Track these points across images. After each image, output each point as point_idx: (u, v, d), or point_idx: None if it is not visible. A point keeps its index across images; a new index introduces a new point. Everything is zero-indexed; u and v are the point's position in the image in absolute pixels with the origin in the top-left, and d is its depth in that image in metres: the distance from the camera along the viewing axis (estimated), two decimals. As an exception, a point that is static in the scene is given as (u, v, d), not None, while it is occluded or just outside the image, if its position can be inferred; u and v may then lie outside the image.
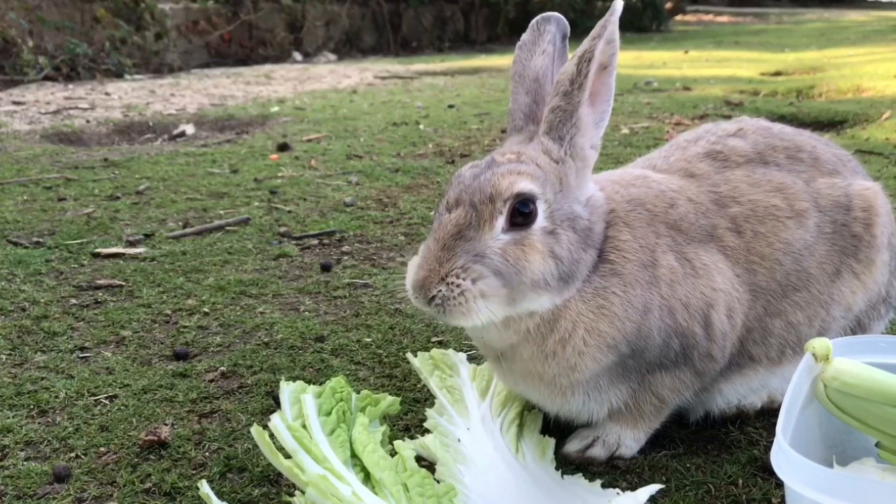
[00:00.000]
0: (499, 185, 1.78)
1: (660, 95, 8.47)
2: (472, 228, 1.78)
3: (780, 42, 15.36)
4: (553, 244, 1.81)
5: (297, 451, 1.77)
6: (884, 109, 6.79)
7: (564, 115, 1.85)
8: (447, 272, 1.75)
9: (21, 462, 2.12)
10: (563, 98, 1.84)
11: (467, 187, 1.82)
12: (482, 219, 1.78)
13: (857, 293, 2.18)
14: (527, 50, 2.06)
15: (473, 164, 1.91)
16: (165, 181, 5.18)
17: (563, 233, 1.84)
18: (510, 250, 1.78)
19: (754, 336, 2.08)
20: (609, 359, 1.92)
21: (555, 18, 2.08)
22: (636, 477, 2.01)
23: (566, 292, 1.86)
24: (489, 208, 1.78)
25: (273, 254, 3.75)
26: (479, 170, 1.86)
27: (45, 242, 3.93)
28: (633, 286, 1.90)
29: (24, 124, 7.42)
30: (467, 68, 12.54)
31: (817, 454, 1.80)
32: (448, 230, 1.79)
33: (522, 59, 2.05)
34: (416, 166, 5.46)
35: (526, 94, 2.03)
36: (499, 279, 1.77)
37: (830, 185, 2.20)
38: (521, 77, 2.04)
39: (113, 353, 2.78)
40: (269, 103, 8.66)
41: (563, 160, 1.87)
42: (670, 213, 2.03)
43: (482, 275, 1.76)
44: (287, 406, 1.92)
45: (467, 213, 1.79)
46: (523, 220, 1.79)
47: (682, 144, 2.31)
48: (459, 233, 1.78)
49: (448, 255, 1.76)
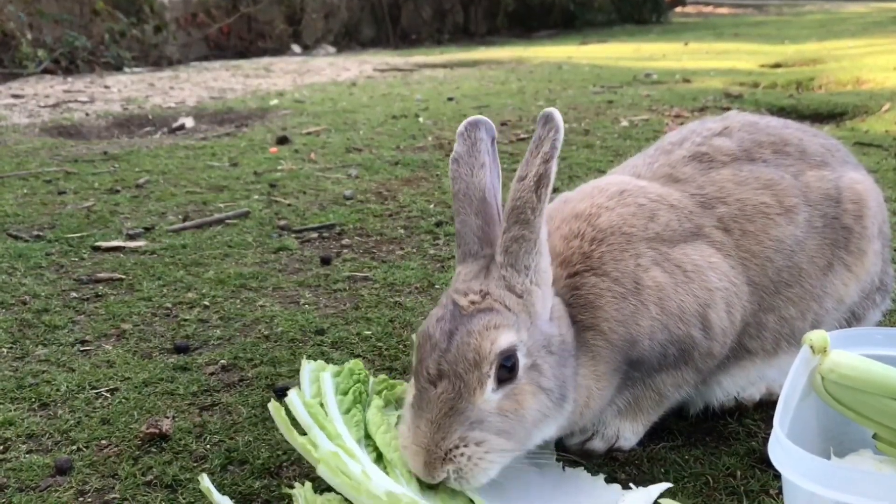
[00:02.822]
0: (481, 349, 1.69)
1: (659, 88, 8.46)
2: (462, 400, 1.69)
3: (779, 34, 15.32)
4: (538, 378, 1.77)
5: (312, 427, 1.79)
6: (883, 101, 6.78)
7: (528, 244, 1.76)
8: (447, 450, 1.67)
9: (23, 455, 2.13)
10: (525, 227, 1.74)
11: (445, 353, 1.71)
12: (471, 387, 1.69)
13: (849, 285, 2.18)
14: (464, 164, 1.94)
15: (439, 317, 1.78)
16: (165, 174, 5.19)
17: (543, 361, 1.78)
18: (505, 405, 1.73)
19: (749, 331, 2.09)
20: (616, 379, 1.97)
21: (482, 123, 1.98)
22: (636, 469, 2.03)
23: (564, 410, 1.84)
24: (476, 375, 1.69)
25: (273, 247, 3.76)
26: (449, 324, 1.74)
27: (46, 236, 3.93)
28: (615, 330, 1.92)
29: (23, 118, 7.42)
30: (467, 61, 12.52)
31: (815, 446, 1.81)
32: (440, 408, 1.69)
33: (463, 175, 1.93)
34: (416, 159, 5.46)
35: (476, 216, 1.90)
36: (502, 437, 1.72)
37: (819, 177, 2.19)
38: (467, 196, 1.91)
39: (114, 346, 2.78)
40: (269, 96, 8.65)
41: (529, 290, 1.79)
42: (650, 226, 2.02)
43: (484, 439, 1.70)
44: (307, 384, 1.94)
45: (455, 386, 1.69)
46: (509, 374, 1.73)
47: (666, 148, 2.30)
48: (452, 409, 1.69)
49: (444, 434, 1.68)
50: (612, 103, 7.46)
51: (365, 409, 1.93)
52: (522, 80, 9.63)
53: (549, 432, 1.85)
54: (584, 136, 5.98)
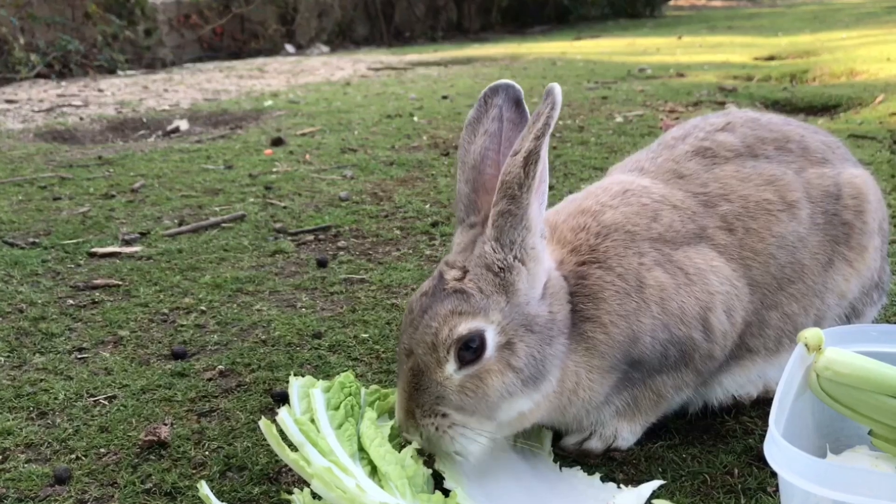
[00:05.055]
0: (439, 334, 1.78)
1: (653, 82, 8.46)
2: (425, 377, 1.81)
3: (773, 26, 15.33)
4: (509, 357, 1.81)
5: (304, 445, 1.80)
6: (877, 93, 6.78)
7: (514, 219, 1.79)
8: (420, 417, 1.81)
9: (22, 464, 2.13)
10: (512, 202, 1.77)
11: (414, 331, 1.82)
12: (431, 367, 1.80)
13: (850, 280, 2.19)
14: (470, 131, 1.99)
15: (424, 291, 1.87)
16: (160, 178, 5.18)
17: (519, 341, 1.82)
18: (467, 384, 1.80)
19: (752, 329, 2.10)
20: (613, 377, 1.98)
21: (503, 88, 2.00)
22: (633, 468, 2.03)
23: (542, 388, 1.87)
24: (434, 357, 1.79)
25: (269, 250, 3.76)
26: (428, 300, 1.83)
27: (41, 243, 3.93)
28: (616, 324, 1.93)
29: (17, 123, 7.40)
30: (461, 58, 12.51)
31: (811, 443, 1.82)
32: (408, 380, 1.83)
33: (466, 141, 1.99)
34: (411, 159, 5.46)
35: (465, 184, 1.96)
36: (462, 412, 1.81)
37: (820, 174, 2.21)
38: (463, 163, 1.97)
39: (111, 353, 2.79)
40: (263, 97, 8.64)
41: (511, 267, 1.82)
42: (653, 226, 2.03)
43: (447, 413, 1.81)
44: (296, 401, 1.94)
45: (417, 362, 1.81)
46: (474, 357, 1.79)
47: (669, 143, 2.31)
48: (417, 382, 1.81)
49: (413, 404, 1.82)
50: (607, 99, 7.46)
51: (358, 422, 1.92)
52: (517, 76, 9.62)
53: (523, 408, 1.86)
54: (579, 132, 5.98)
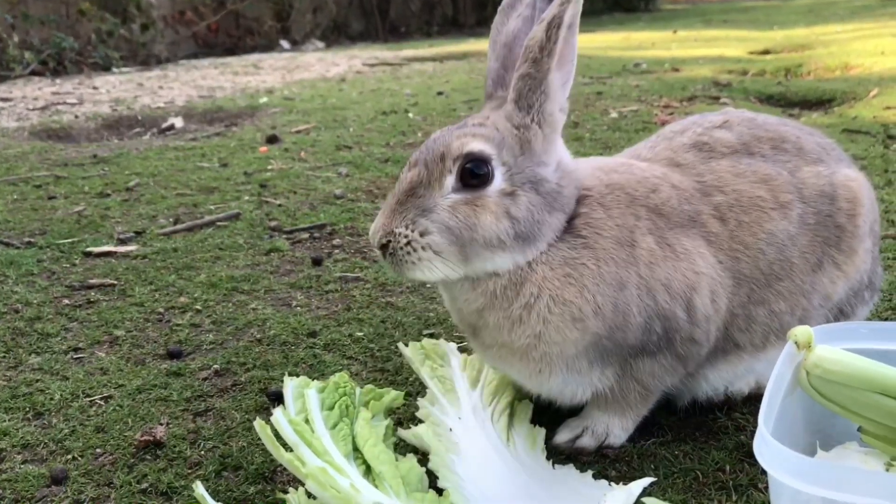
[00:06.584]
0: (450, 146, 1.87)
1: (648, 77, 8.46)
2: (423, 186, 1.87)
3: (768, 19, 15.34)
4: (509, 205, 1.87)
5: (298, 445, 1.81)
6: (871, 87, 6.80)
7: (534, 83, 1.87)
8: (396, 225, 1.85)
9: (18, 465, 2.14)
10: (532, 66, 1.85)
11: (426, 148, 1.92)
12: (433, 177, 1.87)
13: (837, 283, 2.20)
14: (504, 14, 2.07)
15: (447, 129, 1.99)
16: (155, 177, 5.18)
17: (524, 194, 1.88)
18: (460, 208, 1.85)
19: (738, 323, 2.10)
20: (575, 334, 1.92)
21: None
22: (625, 465, 2.05)
23: (528, 252, 1.90)
24: (439, 167, 1.87)
25: (264, 248, 3.77)
26: (447, 129, 1.96)
27: (37, 242, 3.93)
28: (607, 262, 1.92)
29: (11, 121, 7.39)
30: (456, 53, 12.50)
31: (801, 440, 1.83)
32: (403, 187, 1.89)
33: (499, 23, 2.07)
34: (406, 156, 5.43)
35: (496, 60, 2.06)
36: (446, 235, 1.85)
37: (815, 173, 2.22)
38: (494, 42, 2.06)
39: (107, 353, 2.79)
40: (258, 94, 8.63)
41: (528, 126, 1.91)
42: (652, 197, 2.05)
43: (428, 229, 1.85)
44: (290, 401, 1.96)
45: (420, 172, 1.88)
46: (478, 182, 1.86)
47: (668, 135, 2.34)
48: (412, 190, 1.88)
49: (400, 210, 1.87)
50: (602, 94, 7.46)
51: (353, 422, 1.94)
52: (512, 72, 9.60)
53: (500, 265, 1.89)
54: (574, 128, 5.99)
